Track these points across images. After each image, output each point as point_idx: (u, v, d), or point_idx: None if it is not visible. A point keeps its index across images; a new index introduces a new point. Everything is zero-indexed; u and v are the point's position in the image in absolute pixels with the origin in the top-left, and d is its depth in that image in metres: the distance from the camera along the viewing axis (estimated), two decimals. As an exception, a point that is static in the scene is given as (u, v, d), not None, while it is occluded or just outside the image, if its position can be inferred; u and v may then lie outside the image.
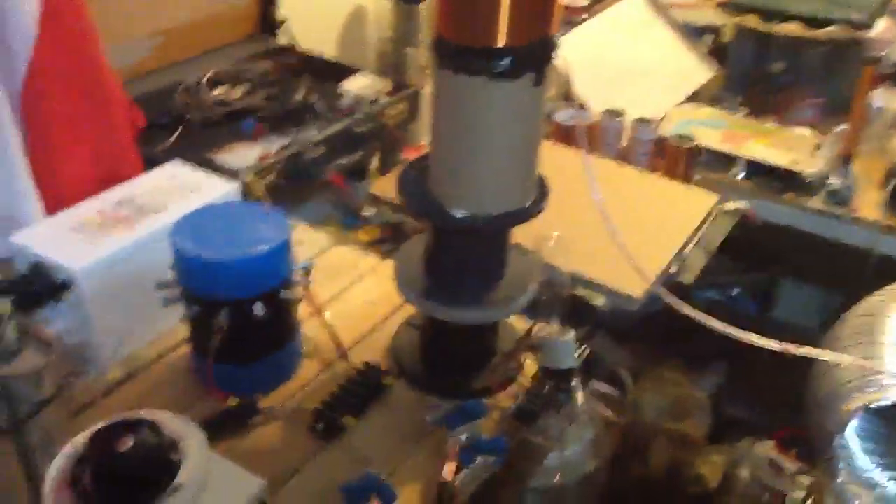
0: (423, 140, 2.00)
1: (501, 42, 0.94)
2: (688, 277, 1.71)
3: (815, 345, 1.55)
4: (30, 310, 1.07)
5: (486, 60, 0.94)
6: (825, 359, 0.93)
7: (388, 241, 1.71)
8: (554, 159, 1.05)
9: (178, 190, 1.26)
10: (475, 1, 0.93)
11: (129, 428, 0.83)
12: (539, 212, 1.08)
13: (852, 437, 0.95)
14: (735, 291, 2.62)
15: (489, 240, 1.11)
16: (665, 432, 1.98)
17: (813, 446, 1.09)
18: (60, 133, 1.21)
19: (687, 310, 1.08)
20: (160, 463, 0.83)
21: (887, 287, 1.15)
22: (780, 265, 2.47)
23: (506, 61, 0.94)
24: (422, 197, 1.08)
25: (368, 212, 1.73)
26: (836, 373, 0.97)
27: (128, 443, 0.82)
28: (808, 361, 1.18)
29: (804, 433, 1.45)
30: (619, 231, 1.03)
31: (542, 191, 1.09)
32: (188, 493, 0.81)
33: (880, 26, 2.21)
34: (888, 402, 0.90)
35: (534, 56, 0.96)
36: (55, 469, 0.82)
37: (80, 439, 0.84)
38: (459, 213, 1.04)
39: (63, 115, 1.21)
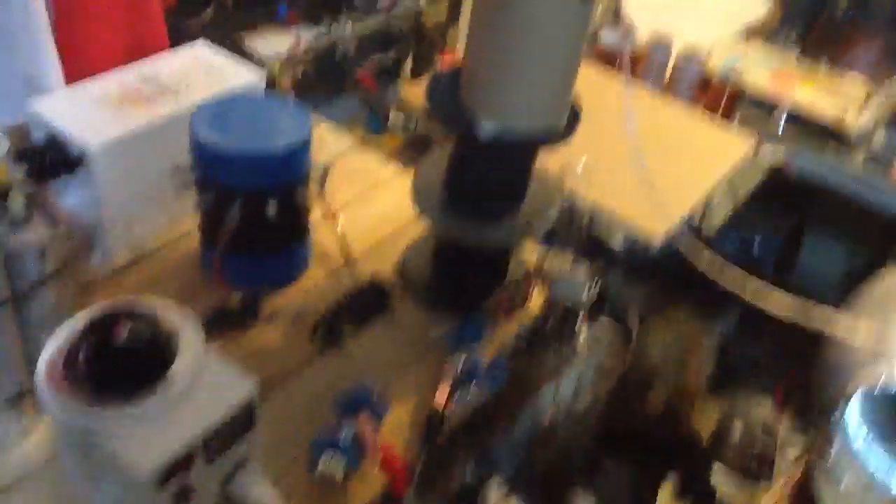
0: (460, 46, 1.93)
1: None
2: (711, 226, 1.67)
3: (832, 303, 1.53)
4: (41, 181, 1.05)
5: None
6: (840, 333, 0.90)
7: (412, 151, 1.67)
8: (592, 83, 1.00)
9: (203, 73, 1.22)
10: None
11: (128, 316, 0.83)
12: (569, 136, 1.03)
13: (853, 414, 0.93)
14: (757, 240, 2.56)
15: (515, 159, 1.08)
16: (665, 377, 1.99)
17: (813, 406, 1.08)
18: (90, 3, 1.16)
19: (706, 263, 1.05)
20: (154, 353, 0.82)
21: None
22: (808, 218, 2.41)
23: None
24: (450, 105, 1.04)
25: (396, 117, 1.68)
26: (849, 349, 0.95)
27: (124, 331, 0.81)
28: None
29: (805, 384, 1.44)
30: (648, 171, 0.99)
31: (574, 115, 1.05)
32: (178, 387, 0.80)
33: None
34: (893, 388, 0.88)
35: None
36: (51, 348, 0.82)
37: (79, 321, 0.84)
38: (488, 126, 1.00)
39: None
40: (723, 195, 1.68)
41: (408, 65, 1.85)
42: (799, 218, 2.40)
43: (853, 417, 0.93)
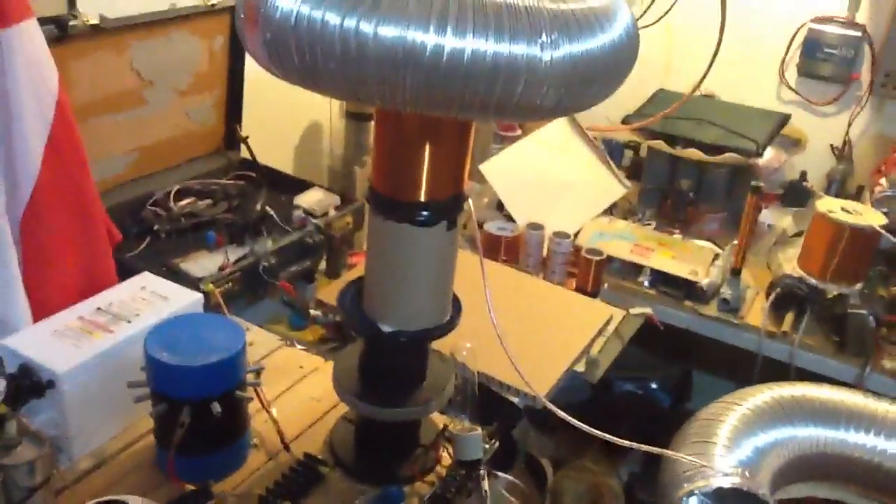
0: (365, 247, 2.24)
1: (422, 198, 1.18)
2: (595, 375, 1.95)
3: None
4: (16, 405, 1.25)
5: (409, 212, 1.19)
6: (667, 455, 1.17)
7: (332, 339, 1.93)
8: (475, 270, 1.28)
9: (149, 299, 1.47)
10: (402, 166, 1.18)
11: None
12: (452, 328, 1.32)
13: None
14: (654, 385, 2.86)
15: (412, 350, 1.34)
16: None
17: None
18: (53, 249, 1.41)
19: (563, 415, 1.31)
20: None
21: (728, 395, 1.41)
22: (694, 361, 2.73)
23: (426, 213, 1.19)
24: (357, 313, 1.31)
25: (315, 312, 1.95)
26: (676, 465, 1.21)
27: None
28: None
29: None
30: (510, 338, 1.26)
31: (457, 308, 1.33)
32: (153, 566, 0.99)
33: (768, 155, 2.56)
34: (710, 489, 1.14)
35: (448, 208, 1.21)
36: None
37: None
38: (387, 329, 1.27)
39: (56, 234, 1.41)
40: (603, 350, 1.96)
41: (321, 265, 2.14)
42: (682, 359, 2.72)
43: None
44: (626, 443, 1.18)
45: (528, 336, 1.48)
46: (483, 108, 0.93)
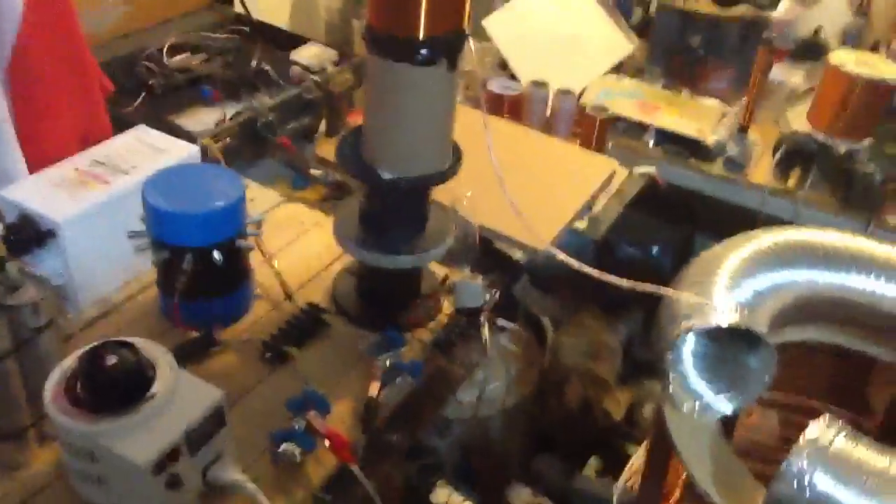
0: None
1: (421, 34, 1.14)
2: (597, 232, 1.95)
3: None
4: (18, 255, 1.25)
5: (408, 49, 1.14)
6: (667, 294, 1.17)
7: (333, 199, 1.92)
8: (477, 125, 1.25)
9: (146, 151, 1.44)
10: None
11: (113, 348, 1.04)
12: (453, 174, 1.30)
13: (681, 354, 1.19)
14: (655, 248, 2.87)
15: (412, 197, 1.33)
16: (579, 373, 2.25)
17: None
18: (44, 99, 1.38)
19: (565, 258, 1.31)
20: (138, 376, 1.03)
21: (729, 238, 1.40)
22: (693, 223, 2.73)
23: (426, 51, 1.14)
24: (356, 161, 1.29)
25: (316, 172, 1.93)
26: (675, 305, 1.22)
27: (112, 359, 1.02)
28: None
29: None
30: (512, 191, 1.24)
31: (456, 156, 1.31)
32: (160, 400, 1.02)
33: (783, 7, 2.46)
34: (708, 327, 1.15)
35: (448, 46, 1.16)
36: (52, 381, 1.03)
37: (71, 358, 1.05)
38: (387, 175, 1.25)
39: (46, 84, 1.37)
40: (606, 208, 1.95)
41: (321, 125, 2.09)
42: (685, 220, 2.72)
43: (683, 357, 1.18)
44: (626, 282, 1.18)
45: (529, 188, 1.45)
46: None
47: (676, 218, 2.72)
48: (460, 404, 1.79)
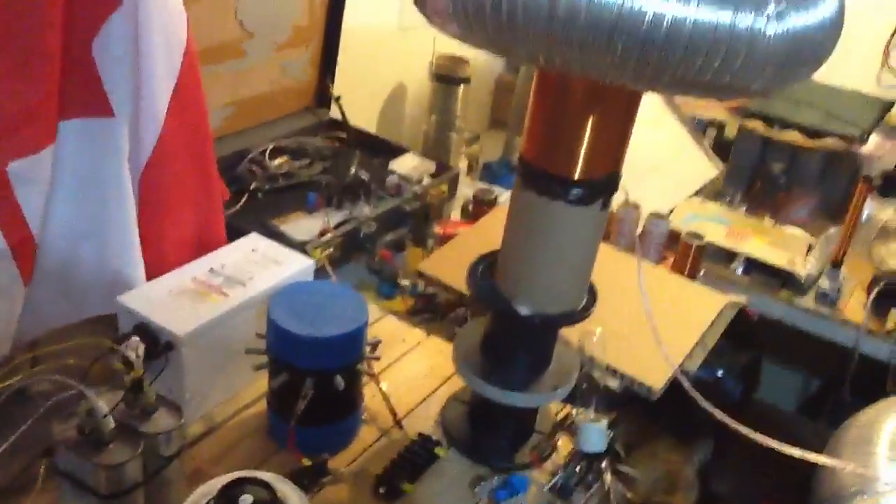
0: (453, 215, 2.16)
1: (579, 175, 1.11)
2: (692, 366, 1.88)
3: (792, 427, 1.68)
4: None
5: (564, 189, 1.11)
6: (830, 464, 1.09)
7: (421, 311, 1.87)
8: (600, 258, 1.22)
9: (262, 262, 1.41)
10: (562, 138, 1.10)
11: (248, 487, 0.97)
12: (588, 315, 1.25)
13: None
14: (720, 372, 2.79)
15: (544, 334, 1.28)
16: (657, 504, 2.14)
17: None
18: (172, 203, 1.35)
19: (705, 403, 1.24)
20: (273, 518, 0.96)
21: (881, 401, 1.33)
22: (764, 350, 2.65)
23: (581, 191, 1.11)
24: (491, 292, 1.24)
25: (404, 282, 1.89)
26: (839, 478, 1.14)
27: (248, 500, 0.96)
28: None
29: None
30: (631, 326, 1.19)
31: (592, 296, 1.26)
32: (297, 546, 0.95)
33: (873, 142, 2.44)
34: (886, 505, 1.07)
35: (605, 187, 1.13)
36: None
37: (203, 493, 0.98)
38: (524, 311, 1.20)
39: (177, 188, 1.35)
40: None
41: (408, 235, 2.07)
42: (757, 348, 2.65)
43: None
44: (780, 445, 1.10)
45: (643, 324, 1.40)
46: (692, 83, 0.85)
47: (743, 343, 2.65)
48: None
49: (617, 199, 2.22)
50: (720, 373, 2.83)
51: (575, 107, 1.07)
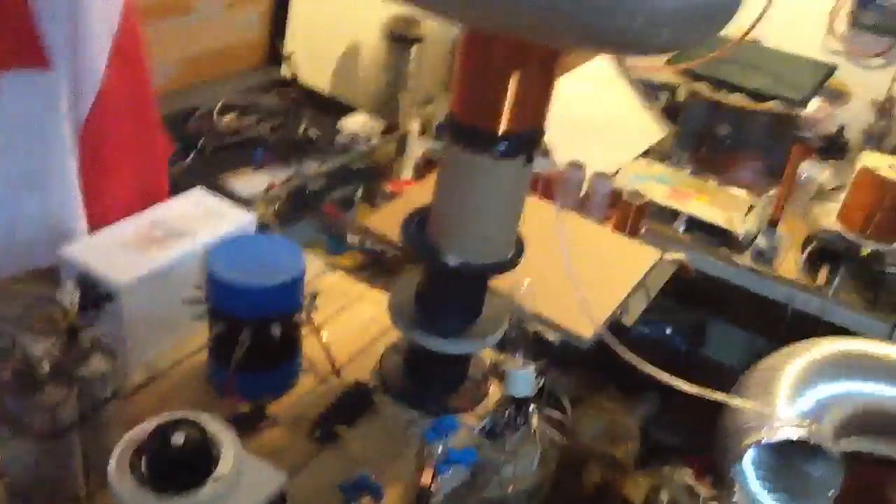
0: (404, 175, 2.20)
1: (504, 128, 1.15)
2: (629, 319, 1.96)
3: (734, 381, 1.80)
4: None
5: (490, 143, 1.16)
6: (732, 403, 1.17)
7: (368, 267, 1.92)
8: (528, 210, 1.27)
9: (204, 216, 1.44)
10: (488, 94, 1.14)
11: (181, 426, 1.02)
12: (516, 265, 1.30)
13: (747, 466, 1.18)
14: (668, 329, 2.88)
15: (473, 284, 1.33)
16: (598, 455, 2.22)
17: (718, 473, 1.33)
18: (113, 157, 1.38)
19: (627, 354, 1.31)
20: (204, 455, 1.01)
21: (786, 347, 1.41)
22: (710, 308, 2.74)
23: (506, 145, 1.16)
24: (422, 243, 1.29)
25: (353, 239, 1.93)
26: (739, 415, 1.22)
27: (180, 438, 1.00)
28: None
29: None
30: (560, 278, 1.25)
31: (519, 247, 1.31)
32: (226, 482, 1.00)
33: (813, 106, 2.51)
34: (775, 440, 1.15)
35: (528, 141, 1.18)
36: (117, 456, 1.00)
37: (136, 433, 1.03)
38: (453, 261, 1.25)
39: (118, 142, 1.37)
40: (637, 294, 1.96)
41: (359, 193, 2.11)
42: (702, 305, 2.74)
43: (748, 469, 1.18)
44: (689, 386, 1.18)
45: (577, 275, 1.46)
46: (600, 40, 0.89)
47: (690, 301, 2.74)
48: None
49: (562, 160, 2.29)
50: (668, 330, 2.93)
51: (497, 63, 1.11)
